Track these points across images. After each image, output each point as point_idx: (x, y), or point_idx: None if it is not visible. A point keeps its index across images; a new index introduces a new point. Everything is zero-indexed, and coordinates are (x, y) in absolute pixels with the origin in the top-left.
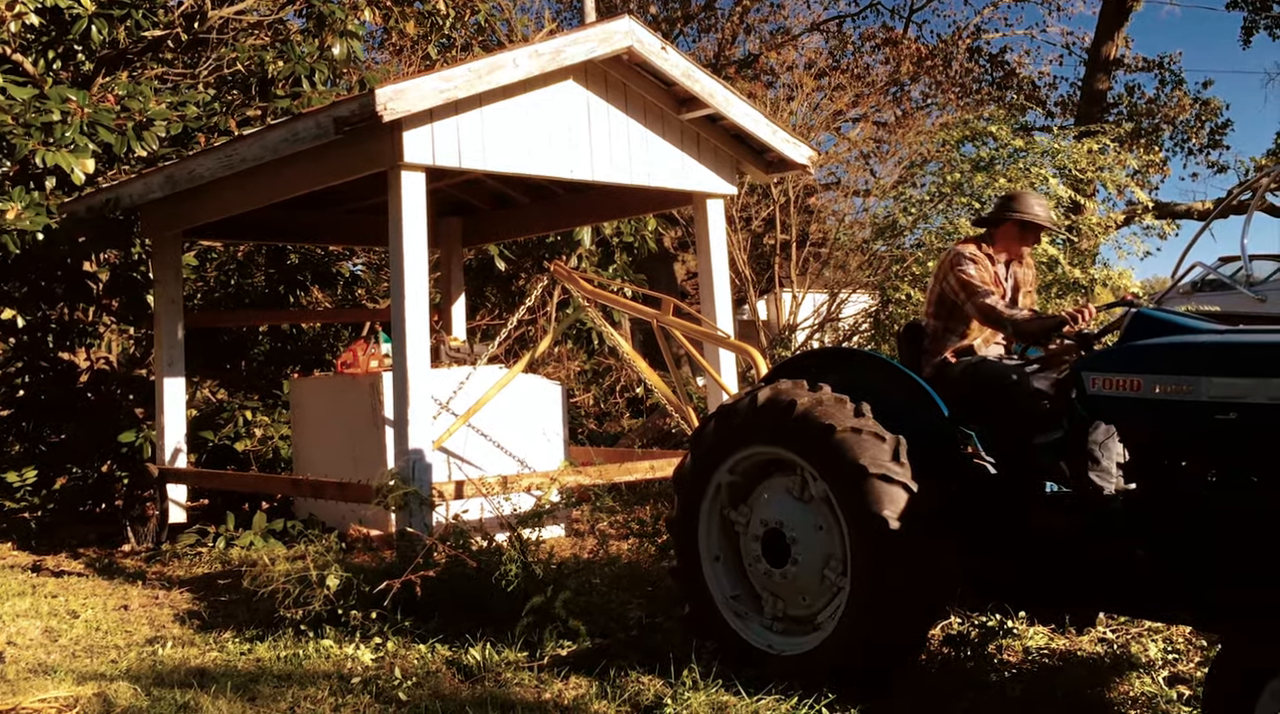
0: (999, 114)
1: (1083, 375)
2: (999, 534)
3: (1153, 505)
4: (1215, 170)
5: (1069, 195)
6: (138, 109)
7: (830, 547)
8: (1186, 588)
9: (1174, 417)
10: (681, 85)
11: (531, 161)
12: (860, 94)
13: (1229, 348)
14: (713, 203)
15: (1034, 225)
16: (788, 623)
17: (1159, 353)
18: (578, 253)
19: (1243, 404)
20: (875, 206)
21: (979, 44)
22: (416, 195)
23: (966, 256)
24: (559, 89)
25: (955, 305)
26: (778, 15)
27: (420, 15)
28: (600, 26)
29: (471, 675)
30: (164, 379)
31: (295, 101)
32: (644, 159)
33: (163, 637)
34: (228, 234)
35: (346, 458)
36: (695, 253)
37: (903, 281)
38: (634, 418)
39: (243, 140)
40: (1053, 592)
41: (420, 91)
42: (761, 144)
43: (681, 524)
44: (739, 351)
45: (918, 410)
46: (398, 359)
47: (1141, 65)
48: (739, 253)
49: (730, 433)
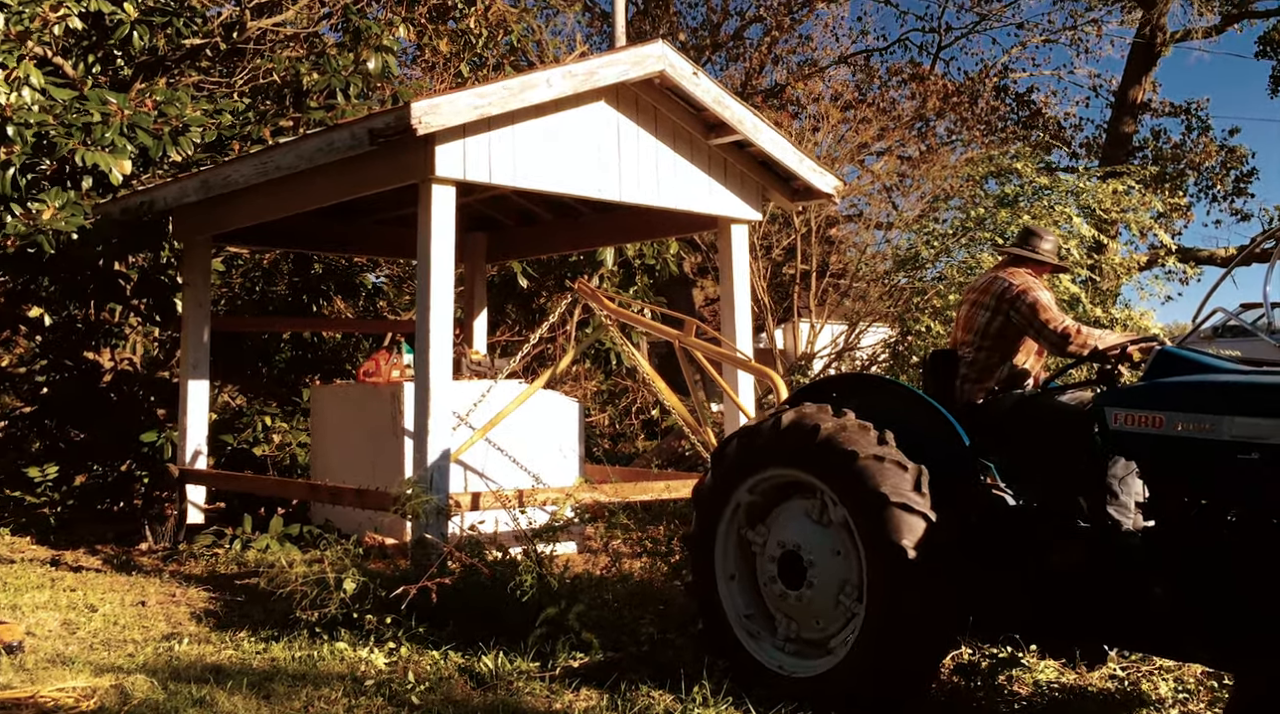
0: (1025, 151)
1: (1105, 411)
2: (1017, 565)
3: (1172, 542)
4: (1239, 218)
5: (1093, 234)
6: (174, 115)
7: (847, 572)
8: (1203, 626)
9: (1195, 455)
10: (711, 111)
11: (561, 180)
12: (885, 128)
13: (1252, 388)
14: (737, 228)
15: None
16: (800, 645)
17: (1182, 391)
18: (600, 273)
19: (1265, 445)
20: (897, 238)
21: (1006, 83)
22: (446, 209)
23: (1034, 286)
24: (590, 109)
25: (1015, 333)
26: (806, 47)
27: (453, 34)
28: (633, 50)
29: (483, 683)
30: (189, 381)
31: (329, 113)
32: (671, 182)
33: (179, 633)
34: (256, 241)
35: (365, 465)
36: (715, 278)
37: (923, 313)
38: (649, 440)
39: (278, 148)
40: (1069, 624)
41: (455, 107)
42: (788, 172)
43: (699, 541)
44: (760, 375)
45: (939, 439)
46: (420, 370)
47: (1168, 110)
48: (758, 280)
49: (752, 453)
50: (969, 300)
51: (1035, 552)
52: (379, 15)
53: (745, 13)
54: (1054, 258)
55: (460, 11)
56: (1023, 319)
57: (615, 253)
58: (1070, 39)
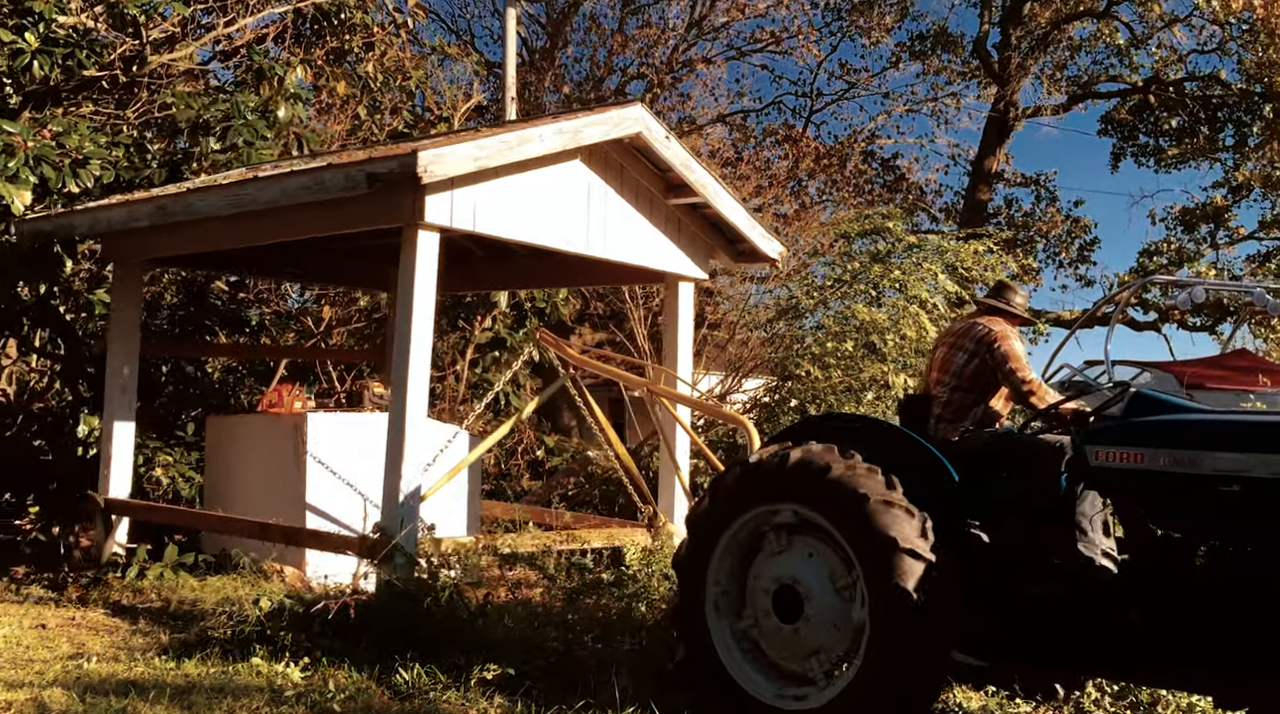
0: (895, 212)
1: (1086, 448)
2: (1003, 599)
3: (1150, 573)
4: (1083, 283)
5: (955, 291)
6: (73, 146)
7: (844, 609)
8: (1181, 653)
9: (1177, 488)
10: (677, 173)
11: (536, 231)
12: (761, 186)
13: (1233, 426)
14: (684, 286)
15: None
16: (790, 678)
17: (1163, 429)
18: (493, 313)
19: (1245, 477)
20: (777, 291)
21: (873, 148)
22: (430, 254)
23: (1010, 335)
24: (567, 167)
25: (990, 376)
26: (685, 105)
27: (351, 76)
28: (615, 111)
29: (401, 694)
30: (115, 407)
31: (231, 153)
32: (631, 238)
33: (85, 653)
34: (197, 264)
35: (264, 497)
36: (593, 326)
37: (803, 359)
38: (534, 479)
39: (255, 183)
40: (1050, 656)
41: (458, 157)
42: (737, 235)
43: (690, 569)
44: (733, 422)
45: (929, 477)
46: (395, 411)
47: (1020, 180)
48: (639, 327)
49: (755, 487)
50: (946, 343)
51: (1013, 586)
52: (277, 55)
53: (628, 69)
54: (1023, 311)
55: (358, 56)
56: (995, 363)
57: (509, 295)
58: (932, 110)
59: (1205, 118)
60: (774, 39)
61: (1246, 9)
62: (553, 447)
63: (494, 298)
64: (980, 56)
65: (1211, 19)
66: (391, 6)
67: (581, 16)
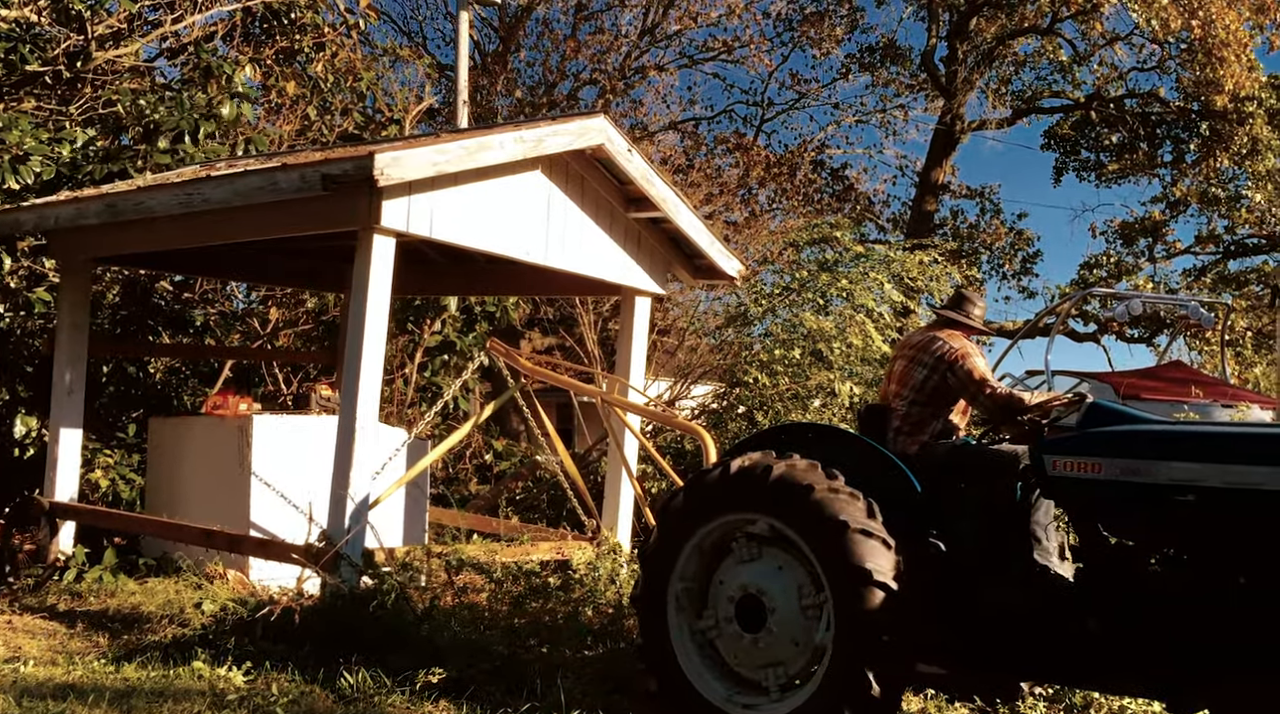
0: (843, 222)
1: (1044, 458)
2: (962, 608)
3: (1106, 580)
4: (1025, 295)
5: (901, 300)
6: (14, 142)
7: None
8: (1136, 658)
9: (1133, 497)
10: (638, 186)
11: (494, 240)
12: (712, 193)
13: (1187, 436)
14: (641, 299)
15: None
16: (744, 685)
17: (1120, 439)
18: (443, 317)
19: (1199, 486)
20: (726, 298)
21: (822, 158)
22: (385, 259)
23: (972, 352)
24: (527, 177)
25: (950, 394)
26: (638, 112)
27: (301, 77)
28: (578, 122)
29: (345, 697)
30: (62, 407)
31: (170, 156)
32: (590, 250)
33: (22, 656)
34: (146, 263)
35: (206, 500)
36: (542, 331)
37: (751, 366)
38: (481, 484)
39: (208, 182)
40: (1004, 662)
41: (416, 161)
42: (696, 251)
43: (656, 561)
44: (690, 432)
45: (895, 490)
46: (345, 416)
47: (965, 192)
48: (589, 333)
49: (734, 494)
50: (905, 356)
51: (972, 595)
52: (226, 54)
53: (581, 74)
54: (981, 323)
55: (308, 56)
56: (959, 383)
57: (459, 299)
58: (880, 121)
59: (1145, 134)
60: (726, 48)
61: (1185, 29)
62: (501, 451)
63: (444, 301)
64: (928, 70)
65: (1151, 38)
66: (343, 7)
67: (535, 21)
